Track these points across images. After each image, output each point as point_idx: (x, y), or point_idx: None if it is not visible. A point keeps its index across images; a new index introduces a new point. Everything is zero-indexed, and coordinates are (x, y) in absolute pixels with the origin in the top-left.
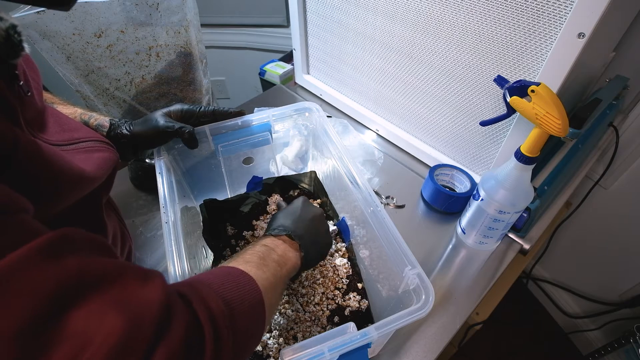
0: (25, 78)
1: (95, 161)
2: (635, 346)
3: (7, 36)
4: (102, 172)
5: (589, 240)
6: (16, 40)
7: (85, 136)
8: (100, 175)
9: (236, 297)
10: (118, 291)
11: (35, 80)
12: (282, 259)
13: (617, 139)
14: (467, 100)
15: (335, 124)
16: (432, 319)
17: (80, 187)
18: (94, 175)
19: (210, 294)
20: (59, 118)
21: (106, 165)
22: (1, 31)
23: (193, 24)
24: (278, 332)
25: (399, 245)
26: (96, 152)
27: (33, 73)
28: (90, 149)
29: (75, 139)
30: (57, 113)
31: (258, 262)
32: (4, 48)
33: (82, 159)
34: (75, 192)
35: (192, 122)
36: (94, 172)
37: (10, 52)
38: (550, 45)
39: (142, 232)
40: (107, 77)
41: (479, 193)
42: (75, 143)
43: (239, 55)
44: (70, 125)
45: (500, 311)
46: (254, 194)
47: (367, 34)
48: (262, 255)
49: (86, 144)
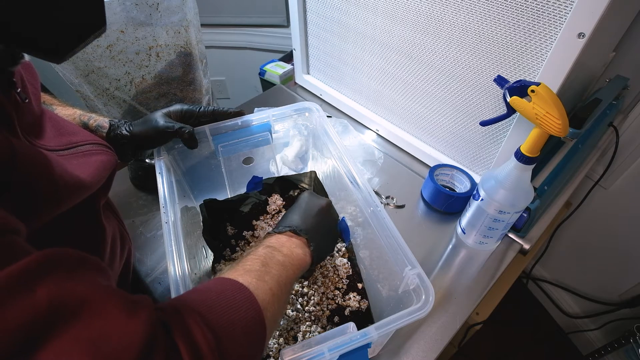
0: (23, 84)
1: (93, 165)
2: (635, 346)
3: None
4: (99, 177)
5: (589, 240)
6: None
7: (83, 139)
8: (97, 181)
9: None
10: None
11: (33, 85)
12: (287, 259)
13: (617, 139)
14: (467, 100)
15: (335, 124)
16: (432, 319)
17: (77, 195)
18: (91, 183)
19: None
20: (56, 122)
21: (104, 169)
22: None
23: (193, 24)
24: (278, 332)
25: (399, 245)
26: (94, 155)
27: (31, 77)
28: (88, 153)
29: (73, 143)
30: (54, 117)
31: (260, 270)
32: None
33: (80, 164)
34: (73, 199)
35: (192, 122)
36: (91, 178)
37: (10, 60)
38: (550, 45)
39: (142, 232)
40: (107, 77)
41: (479, 193)
42: (73, 147)
43: (239, 55)
44: (67, 128)
45: (500, 311)
46: (254, 194)
47: (367, 34)
48: (264, 261)
49: (84, 148)
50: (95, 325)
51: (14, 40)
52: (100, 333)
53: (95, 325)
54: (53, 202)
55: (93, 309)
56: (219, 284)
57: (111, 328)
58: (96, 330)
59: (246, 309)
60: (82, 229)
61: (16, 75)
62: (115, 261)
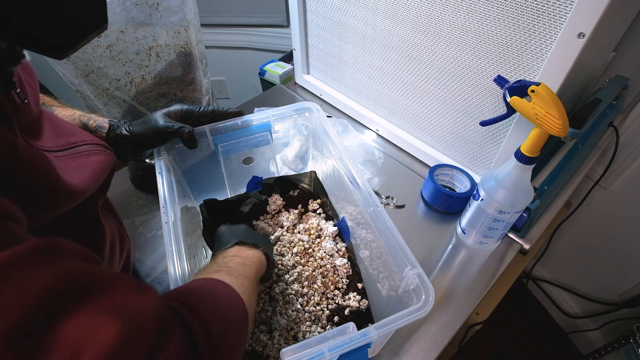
0: (22, 85)
1: (91, 166)
2: (635, 346)
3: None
4: (98, 178)
5: (589, 240)
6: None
7: (82, 140)
8: (96, 182)
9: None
10: (112, 299)
11: (32, 86)
12: (244, 259)
13: (617, 139)
14: (467, 100)
15: (335, 124)
16: (432, 319)
17: (76, 196)
18: (89, 184)
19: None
20: (55, 123)
21: (102, 170)
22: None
23: (193, 24)
24: (278, 332)
25: (399, 245)
26: (93, 155)
27: (30, 79)
28: (86, 153)
29: (72, 143)
30: (53, 117)
31: (227, 271)
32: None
33: (78, 165)
34: (72, 201)
35: (192, 122)
36: (90, 180)
37: (11, 59)
38: (550, 45)
39: (142, 232)
40: (107, 77)
41: (479, 193)
42: (72, 147)
43: (239, 55)
44: (66, 129)
45: (500, 311)
46: (254, 194)
47: (367, 34)
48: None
49: (82, 148)
50: (112, 298)
51: (17, 37)
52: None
53: (111, 297)
54: (53, 204)
55: (107, 285)
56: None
57: (125, 301)
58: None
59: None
60: (80, 229)
61: (15, 75)
62: (114, 261)
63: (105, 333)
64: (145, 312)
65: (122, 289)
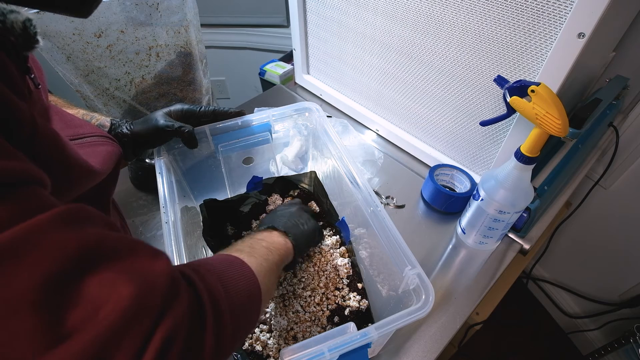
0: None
1: (100, 154)
2: (635, 346)
3: (24, 27)
4: (108, 165)
5: (589, 240)
6: (32, 32)
7: (89, 132)
8: (106, 168)
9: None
10: (130, 263)
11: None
12: (271, 244)
13: (617, 139)
14: (467, 100)
15: (335, 124)
16: (432, 319)
17: (89, 178)
18: (101, 168)
19: (213, 279)
20: (62, 115)
21: (111, 159)
22: (18, 22)
23: (193, 24)
24: (278, 332)
25: (399, 245)
26: (100, 145)
27: (38, 72)
28: (95, 143)
29: (80, 134)
30: (60, 111)
31: (249, 251)
32: (21, 39)
33: (88, 153)
34: (84, 183)
35: (192, 122)
36: (101, 165)
37: (26, 44)
38: (550, 45)
39: (142, 232)
40: (107, 77)
41: (479, 193)
42: (80, 138)
43: (239, 55)
44: (74, 122)
45: (500, 311)
46: (254, 194)
47: (367, 34)
48: (250, 244)
49: (90, 139)
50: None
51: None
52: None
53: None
54: (66, 183)
55: (124, 251)
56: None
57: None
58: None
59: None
60: None
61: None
62: None
63: (123, 292)
64: (159, 275)
65: (140, 254)
